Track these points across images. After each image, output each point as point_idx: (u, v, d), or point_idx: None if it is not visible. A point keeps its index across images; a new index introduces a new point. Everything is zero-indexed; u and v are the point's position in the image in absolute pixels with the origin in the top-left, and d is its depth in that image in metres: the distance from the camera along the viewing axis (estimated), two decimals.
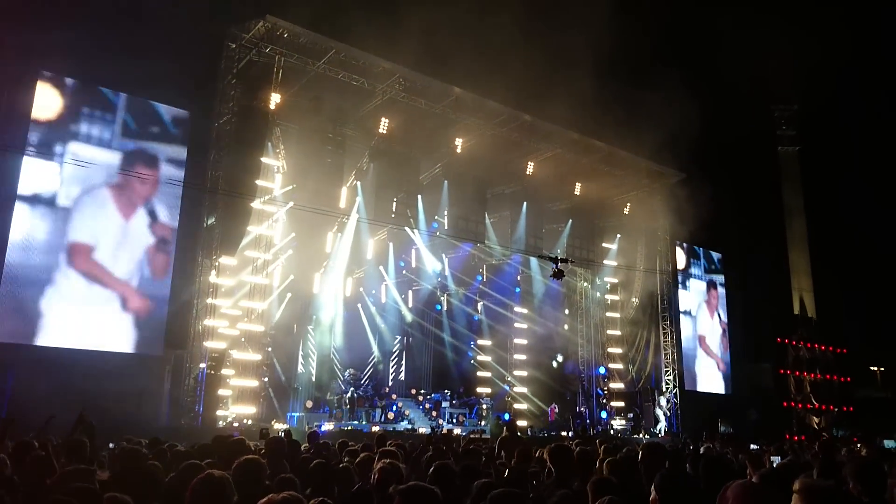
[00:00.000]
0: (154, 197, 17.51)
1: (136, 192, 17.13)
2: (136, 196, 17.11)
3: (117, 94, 17.37)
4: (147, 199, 17.38)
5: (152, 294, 17.11)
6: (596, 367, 28.65)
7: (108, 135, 17.12)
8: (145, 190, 17.24)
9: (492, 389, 26.62)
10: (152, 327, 16.94)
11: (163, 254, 17.39)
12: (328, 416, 20.58)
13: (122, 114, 17.25)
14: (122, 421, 13.36)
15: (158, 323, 17.10)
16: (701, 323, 29.80)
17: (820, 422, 31.33)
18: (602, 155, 24.87)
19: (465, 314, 27.28)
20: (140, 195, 17.20)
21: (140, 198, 17.21)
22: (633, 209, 27.71)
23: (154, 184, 17.37)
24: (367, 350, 25.26)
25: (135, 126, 17.46)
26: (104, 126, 17.06)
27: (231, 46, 18.55)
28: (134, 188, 17.02)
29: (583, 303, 29.50)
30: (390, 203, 22.72)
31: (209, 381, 17.37)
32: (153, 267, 17.19)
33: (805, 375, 31.87)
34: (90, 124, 16.88)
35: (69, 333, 15.85)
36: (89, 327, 16.10)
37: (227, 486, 3.42)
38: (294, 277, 22.33)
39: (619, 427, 26.93)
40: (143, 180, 17.03)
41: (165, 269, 17.39)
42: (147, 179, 17.14)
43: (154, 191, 17.44)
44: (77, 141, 16.65)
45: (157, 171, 17.46)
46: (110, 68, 16.56)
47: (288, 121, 20.17)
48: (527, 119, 22.55)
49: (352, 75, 19.68)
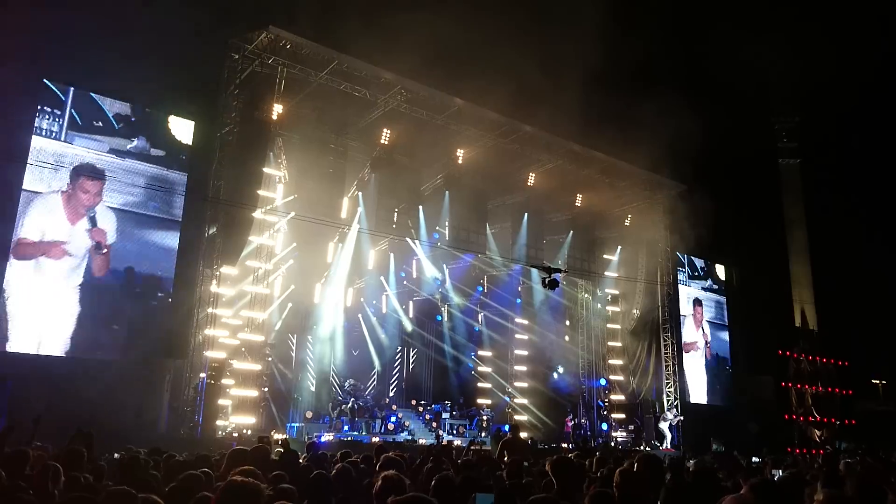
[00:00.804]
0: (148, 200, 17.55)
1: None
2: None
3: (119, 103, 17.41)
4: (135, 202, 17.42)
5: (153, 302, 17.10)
6: (597, 378, 28.57)
7: (113, 143, 17.18)
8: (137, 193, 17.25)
9: (492, 400, 26.55)
10: (152, 336, 16.90)
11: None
12: (328, 427, 20.52)
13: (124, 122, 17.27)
14: (120, 431, 13.32)
15: (158, 332, 17.05)
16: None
17: (822, 434, 31.16)
18: (603, 166, 24.91)
19: (466, 325, 27.25)
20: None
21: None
22: (634, 221, 27.72)
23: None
24: (367, 361, 25.22)
25: (137, 134, 17.49)
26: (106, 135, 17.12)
27: (234, 57, 18.62)
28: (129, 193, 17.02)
29: (583, 314, 29.45)
30: (391, 213, 22.78)
31: (209, 390, 17.33)
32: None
33: (807, 388, 31.69)
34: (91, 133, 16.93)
35: (67, 342, 15.82)
36: (87, 336, 16.06)
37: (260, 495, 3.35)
38: (295, 287, 22.34)
39: (621, 439, 26.82)
40: (135, 186, 17.02)
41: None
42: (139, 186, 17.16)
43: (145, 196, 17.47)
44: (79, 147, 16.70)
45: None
46: (113, 78, 16.64)
47: (290, 131, 20.24)
48: (528, 130, 22.60)
49: (354, 86, 19.77)
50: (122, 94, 17.22)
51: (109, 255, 16.78)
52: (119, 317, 16.78)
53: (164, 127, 18.03)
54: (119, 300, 16.82)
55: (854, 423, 32.11)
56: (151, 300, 17.40)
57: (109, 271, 16.76)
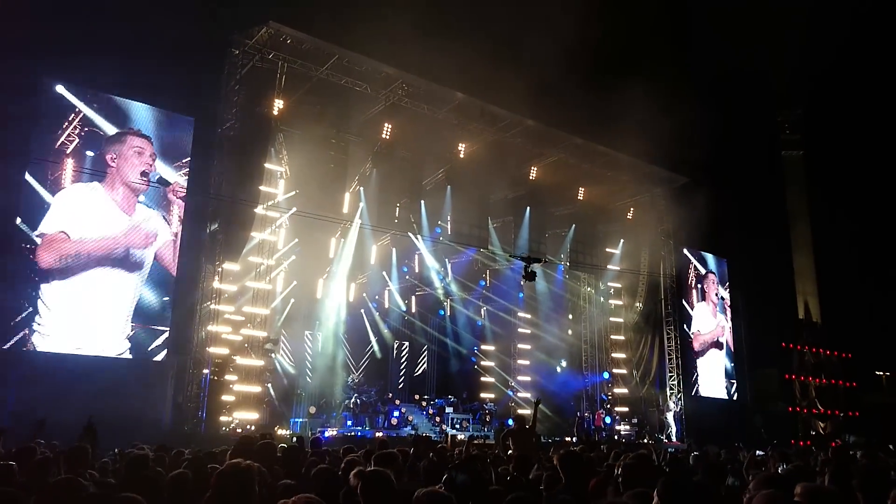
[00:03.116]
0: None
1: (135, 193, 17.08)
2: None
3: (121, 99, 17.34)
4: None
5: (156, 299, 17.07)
6: (600, 372, 28.56)
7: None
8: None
9: (495, 395, 26.55)
10: (155, 332, 16.89)
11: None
12: (332, 422, 20.54)
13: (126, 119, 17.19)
14: (124, 427, 13.33)
15: (161, 328, 17.03)
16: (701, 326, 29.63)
17: (826, 427, 31.13)
18: (605, 160, 24.85)
19: (469, 319, 27.24)
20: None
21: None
22: (637, 214, 27.69)
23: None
24: (370, 356, 25.24)
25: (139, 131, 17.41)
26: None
27: (234, 52, 18.57)
28: (133, 189, 16.95)
29: (586, 308, 29.42)
30: (393, 208, 22.79)
31: (212, 386, 17.37)
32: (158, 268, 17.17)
33: (811, 380, 31.69)
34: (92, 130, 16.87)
35: (71, 339, 15.81)
36: (92, 332, 16.05)
37: (252, 477, 3.39)
38: (297, 283, 22.34)
39: (624, 433, 26.82)
40: (140, 181, 16.96)
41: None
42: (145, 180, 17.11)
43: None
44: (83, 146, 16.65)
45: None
46: (113, 74, 16.58)
47: (291, 126, 20.19)
48: (530, 124, 22.54)
49: (355, 81, 19.73)
50: (120, 91, 17.12)
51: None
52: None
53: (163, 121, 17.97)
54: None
55: (858, 415, 32.08)
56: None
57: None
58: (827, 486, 3.77)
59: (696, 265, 29.70)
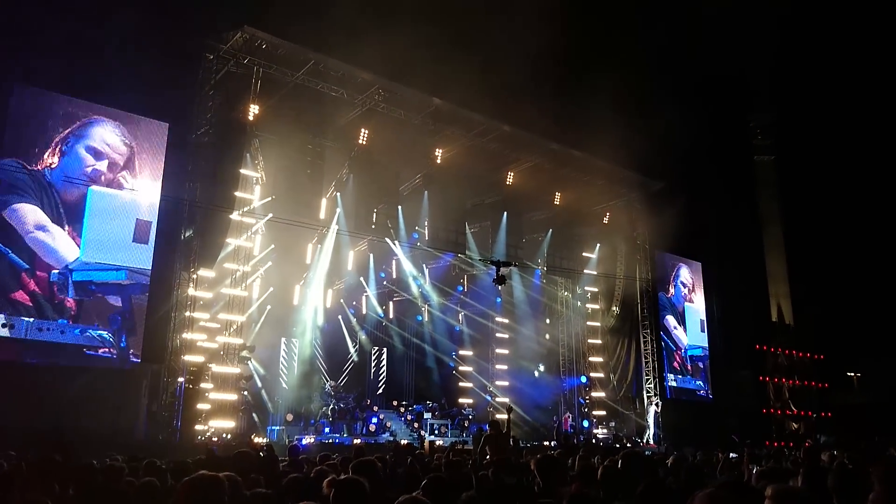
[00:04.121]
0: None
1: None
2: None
3: (94, 105, 17.07)
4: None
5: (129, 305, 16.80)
6: (577, 375, 28.69)
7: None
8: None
9: (474, 400, 26.55)
10: (128, 341, 16.61)
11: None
12: (309, 429, 20.40)
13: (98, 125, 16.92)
14: (98, 437, 13.12)
15: (135, 337, 16.77)
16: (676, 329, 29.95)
17: (799, 428, 31.59)
18: (581, 164, 25.03)
19: (447, 324, 27.23)
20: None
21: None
22: (613, 218, 27.92)
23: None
24: (348, 362, 25.13)
25: (111, 138, 17.14)
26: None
27: (209, 57, 18.41)
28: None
29: (564, 312, 29.55)
30: (370, 214, 22.74)
31: (187, 395, 17.13)
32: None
33: (784, 382, 32.16)
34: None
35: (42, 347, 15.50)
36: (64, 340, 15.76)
37: (221, 487, 3.35)
38: (273, 289, 22.18)
39: (602, 436, 26.97)
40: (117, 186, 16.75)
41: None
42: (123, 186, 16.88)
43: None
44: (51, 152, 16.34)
45: (133, 181, 17.11)
46: (86, 79, 16.35)
47: (267, 132, 20.05)
48: (506, 129, 22.62)
49: (331, 86, 19.67)
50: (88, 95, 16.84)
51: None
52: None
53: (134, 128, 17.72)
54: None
55: (830, 415, 32.62)
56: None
57: None
58: (797, 487, 3.81)
59: (670, 269, 30.01)
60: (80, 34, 15.86)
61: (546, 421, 26.77)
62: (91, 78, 16.38)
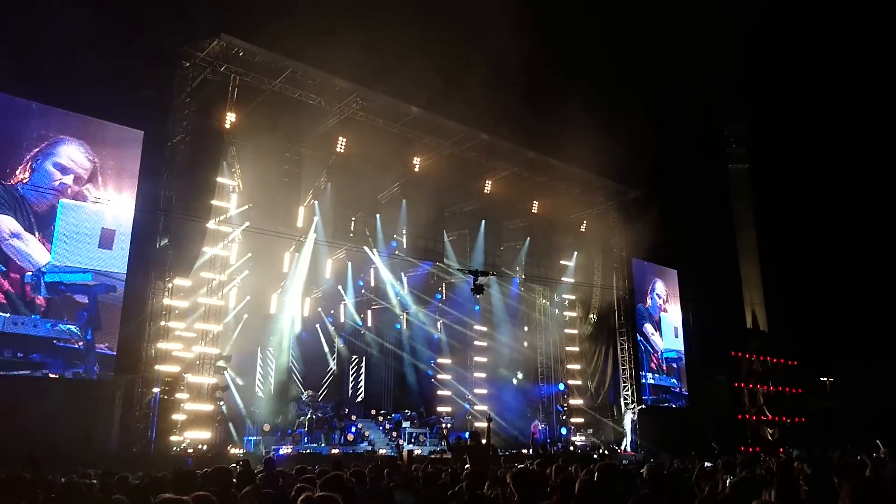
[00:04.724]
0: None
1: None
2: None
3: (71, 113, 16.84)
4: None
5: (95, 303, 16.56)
6: (555, 383, 28.77)
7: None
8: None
9: (452, 408, 26.47)
10: (94, 335, 16.36)
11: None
12: (287, 440, 20.21)
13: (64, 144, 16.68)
14: (70, 450, 12.89)
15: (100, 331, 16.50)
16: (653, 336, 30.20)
17: (774, 433, 31.96)
18: (558, 173, 25.20)
19: (425, 333, 27.16)
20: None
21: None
22: (590, 226, 28.12)
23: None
24: (325, 371, 24.96)
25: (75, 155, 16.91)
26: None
27: (185, 65, 18.26)
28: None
29: (542, 319, 29.64)
30: (348, 222, 22.67)
31: (162, 406, 16.88)
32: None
33: (759, 388, 32.53)
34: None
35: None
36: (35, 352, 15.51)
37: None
38: (250, 298, 21.97)
39: (580, 443, 27.06)
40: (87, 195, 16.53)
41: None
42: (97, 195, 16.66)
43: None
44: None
45: (97, 192, 16.91)
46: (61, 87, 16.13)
47: (244, 139, 19.89)
48: (484, 138, 22.70)
49: (308, 94, 19.61)
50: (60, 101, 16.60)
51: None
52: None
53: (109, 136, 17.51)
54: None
55: (804, 420, 33.04)
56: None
57: None
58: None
59: (647, 280, 30.27)
60: (53, 41, 15.66)
61: (525, 428, 26.76)
62: (64, 85, 16.18)
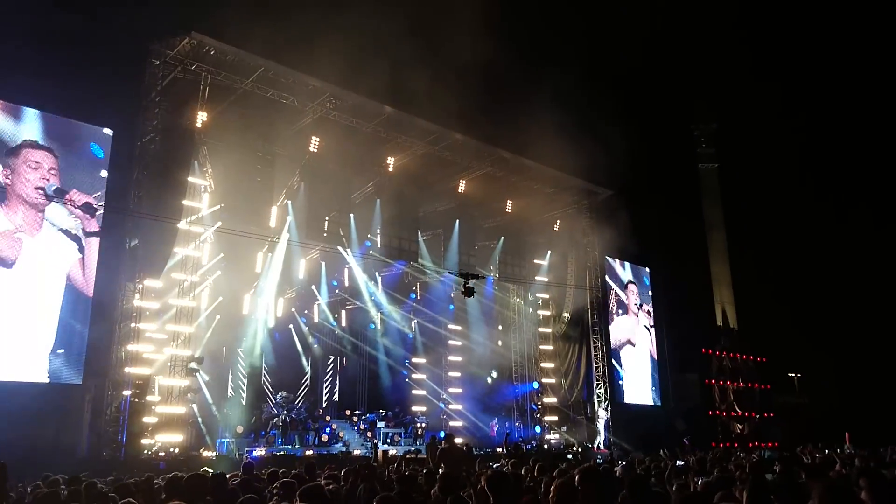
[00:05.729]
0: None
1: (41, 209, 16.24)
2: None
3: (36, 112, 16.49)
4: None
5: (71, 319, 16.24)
6: (529, 381, 28.91)
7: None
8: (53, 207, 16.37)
9: (427, 408, 26.50)
10: (70, 354, 16.07)
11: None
12: (260, 441, 20.05)
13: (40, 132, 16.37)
14: (37, 456, 12.66)
15: (77, 350, 16.21)
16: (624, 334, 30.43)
17: (743, 429, 32.49)
18: (531, 173, 25.29)
19: (399, 332, 27.12)
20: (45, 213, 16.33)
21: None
22: (563, 226, 28.29)
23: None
24: (299, 372, 24.81)
25: (55, 145, 16.58)
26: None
27: (154, 63, 17.97)
28: (34, 207, 16.09)
29: (515, 318, 29.76)
30: (322, 222, 22.56)
31: (133, 409, 16.65)
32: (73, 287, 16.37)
33: (729, 384, 33.04)
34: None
35: None
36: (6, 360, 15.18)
37: None
38: (223, 299, 21.74)
39: (554, 442, 27.24)
40: (37, 196, 16.16)
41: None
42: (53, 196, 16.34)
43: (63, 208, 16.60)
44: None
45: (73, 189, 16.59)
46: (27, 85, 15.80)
47: (215, 139, 19.67)
48: (458, 138, 22.72)
49: (281, 93, 19.45)
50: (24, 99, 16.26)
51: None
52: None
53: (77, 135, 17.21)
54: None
55: (772, 416, 33.66)
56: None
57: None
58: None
59: (619, 275, 30.54)
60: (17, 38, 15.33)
61: (499, 427, 26.87)
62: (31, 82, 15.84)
